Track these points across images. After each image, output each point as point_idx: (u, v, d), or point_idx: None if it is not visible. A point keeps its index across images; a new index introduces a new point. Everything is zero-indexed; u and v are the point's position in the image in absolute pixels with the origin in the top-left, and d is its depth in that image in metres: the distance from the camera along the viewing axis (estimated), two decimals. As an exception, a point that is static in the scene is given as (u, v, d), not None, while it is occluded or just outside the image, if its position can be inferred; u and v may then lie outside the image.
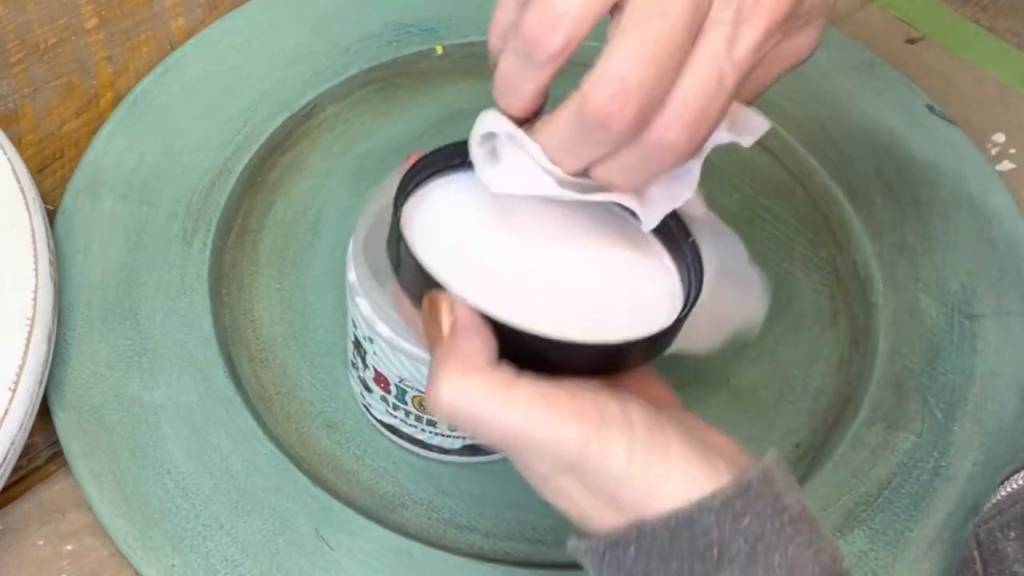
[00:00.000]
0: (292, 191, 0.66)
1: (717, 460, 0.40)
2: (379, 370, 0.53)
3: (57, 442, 0.57)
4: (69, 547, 0.54)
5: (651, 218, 0.45)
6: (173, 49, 0.70)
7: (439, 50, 0.70)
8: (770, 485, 0.40)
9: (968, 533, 0.49)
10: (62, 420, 0.57)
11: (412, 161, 0.46)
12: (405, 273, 0.43)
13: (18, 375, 0.54)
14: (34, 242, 0.58)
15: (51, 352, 0.57)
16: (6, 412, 0.53)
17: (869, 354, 0.61)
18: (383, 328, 0.51)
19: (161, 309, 0.60)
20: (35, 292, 0.56)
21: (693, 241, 0.47)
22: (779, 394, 0.61)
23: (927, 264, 0.64)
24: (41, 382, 0.55)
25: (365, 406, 0.58)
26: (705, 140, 0.42)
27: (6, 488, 0.55)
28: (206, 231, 0.63)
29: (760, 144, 0.69)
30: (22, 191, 0.60)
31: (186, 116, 0.67)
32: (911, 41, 0.75)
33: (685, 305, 0.45)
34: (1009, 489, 0.49)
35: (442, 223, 0.45)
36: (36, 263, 0.57)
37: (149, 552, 0.53)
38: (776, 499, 0.39)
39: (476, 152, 0.45)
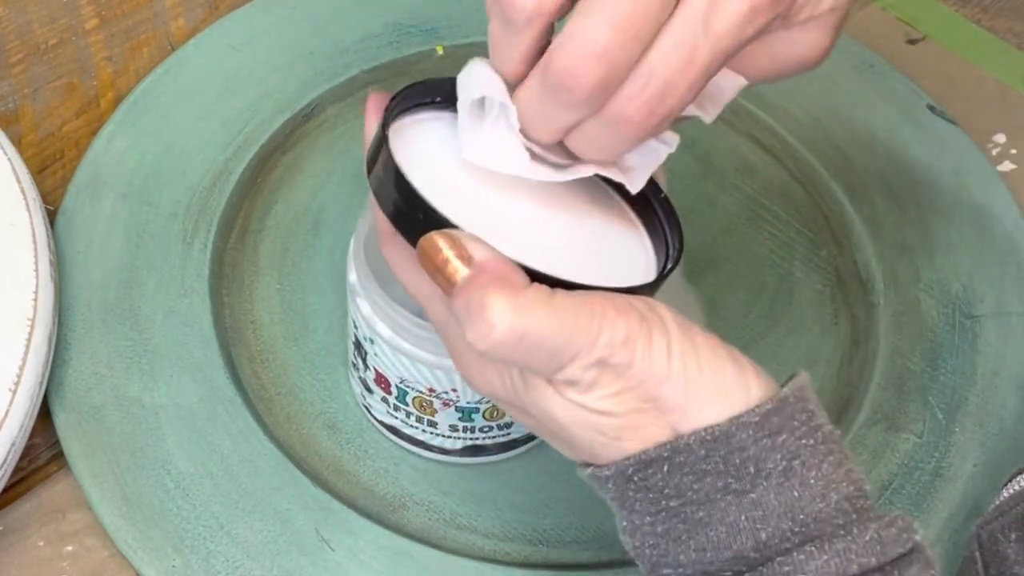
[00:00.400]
0: (292, 192, 0.66)
1: (745, 370, 0.40)
2: (380, 371, 0.53)
3: (57, 443, 0.57)
4: (69, 547, 0.54)
5: (635, 184, 0.44)
6: (173, 49, 0.70)
7: (439, 50, 0.70)
8: (804, 403, 0.39)
9: (971, 534, 0.49)
10: (62, 421, 0.57)
11: (376, 99, 0.43)
12: (397, 206, 0.41)
13: (18, 376, 0.54)
14: (34, 242, 0.58)
15: (51, 353, 0.57)
16: (7, 413, 0.53)
17: (870, 354, 0.61)
18: (384, 329, 0.51)
19: (161, 309, 0.60)
20: (35, 292, 0.56)
21: (666, 199, 0.46)
22: (779, 394, 0.61)
23: (928, 264, 0.64)
24: (41, 383, 0.55)
25: (366, 407, 0.58)
26: (670, 117, 0.39)
27: (7, 489, 0.55)
28: (206, 231, 0.63)
29: (760, 144, 0.69)
30: (22, 191, 0.60)
31: (186, 116, 0.67)
32: (911, 41, 0.75)
33: (667, 260, 0.44)
34: (1012, 490, 0.49)
35: (425, 162, 0.43)
36: (36, 263, 0.57)
37: (149, 552, 0.53)
38: (810, 416, 0.39)
39: (463, 108, 0.43)
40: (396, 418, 0.56)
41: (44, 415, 0.57)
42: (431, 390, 0.52)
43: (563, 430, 0.41)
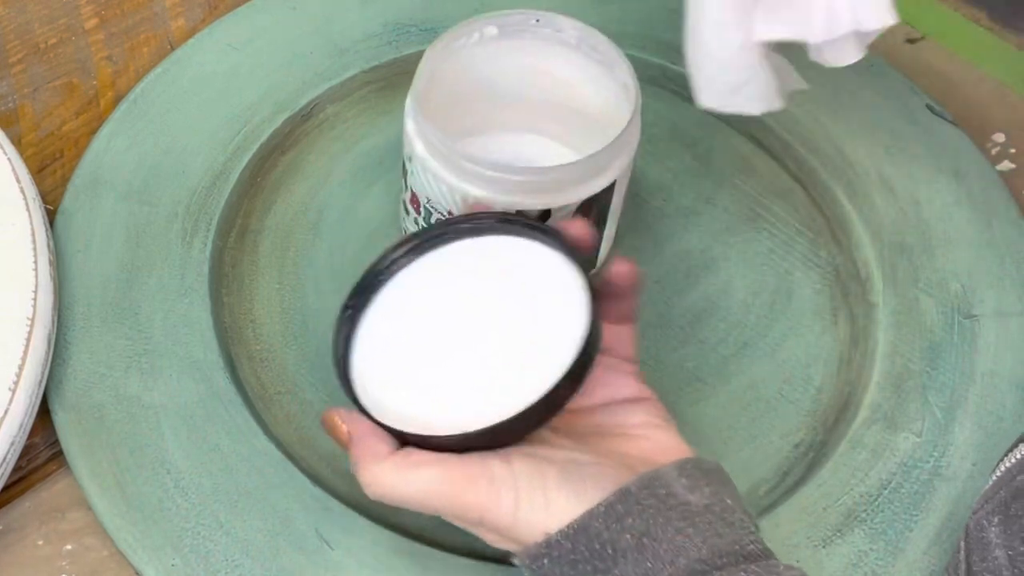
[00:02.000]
0: (292, 191, 0.66)
1: (585, 485, 0.46)
2: (415, 191, 0.58)
3: (57, 442, 0.57)
4: (69, 547, 0.54)
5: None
6: (173, 49, 0.70)
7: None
8: (653, 488, 0.46)
9: (963, 526, 0.49)
10: (62, 420, 0.57)
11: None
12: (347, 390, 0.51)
13: (18, 375, 0.54)
14: (34, 242, 0.58)
15: (51, 352, 0.57)
16: (6, 412, 0.53)
17: (869, 354, 0.61)
18: (419, 147, 0.56)
19: (161, 309, 0.60)
20: (35, 292, 0.56)
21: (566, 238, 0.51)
22: (779, 394, 0.61)
23: (927, 264, 0.64)
24: (41, 382, 0.55)
25: (403, 230, 0.62)
26: None
27: (6, 488, 0.55)
28: (206, 231, 0.63)
29: (760, 144, 0.69)
30: (22, 191, 0.60)
31: (186, 116, 0.67)
32: (911, 41, 0.75)
33: (584, 332, 0.48)
34: (994, 477, 0.49)
35: (377, 343, 0.52)
36: (36, 263, 0.57)
37: (149, 552, 0.53)
38: (664, 499, 0.45)
39: None
40: None
41: (43, 414, 0.57)
42: (450, 213, 0.57)
43: None
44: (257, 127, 0.67)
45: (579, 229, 0.52)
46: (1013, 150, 0.70)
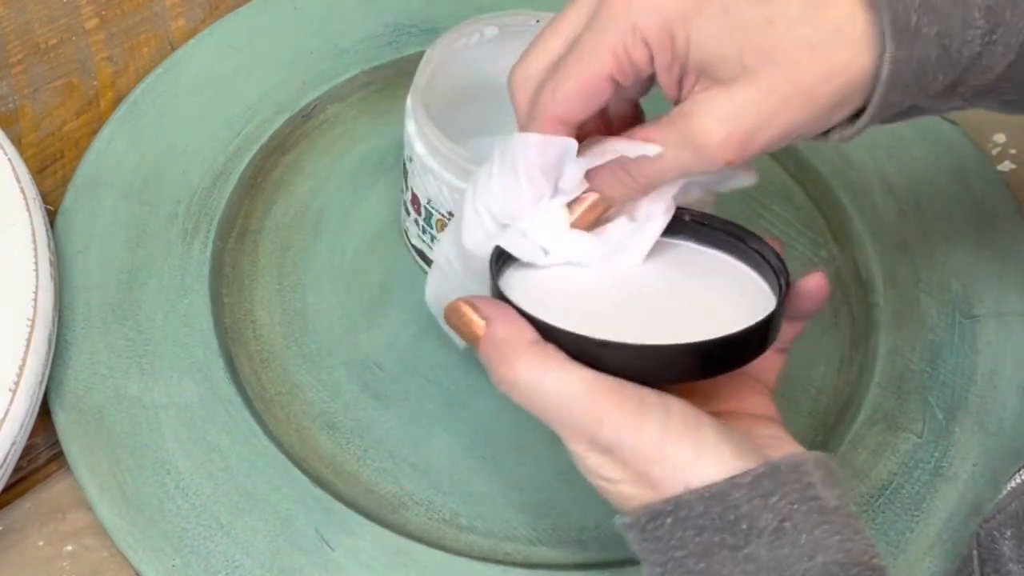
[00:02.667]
0: (292, 192, 0.66)
1: (749, 452, 0.43)
2: (415, 191, 0.58)
3: (57, 442, 0.57)
4: (69, 547, 0.54)
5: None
6: (173, 49, 0.70)
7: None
8: (799, 474, 0.42)
9: (971, 533, 0.49)
10: (62, 420, 0.57)
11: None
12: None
13: (18, 376, 0.54)
14: (34, 242, 0.58)
15: (51, 352, 0.57)
16: (7, 413, 0.53)
17: (869, 354, 0.61)
18: (420, 147, 0.56)
19: (161, 309, 0.60)
20: (35, 292, 0.56)
21: (760, 241, 0.49)
22: (779, 394, 0.61)
23: (927, 264, 0.64)
24: (41, 382, 0.55)
25: (404, 230, 0.63)
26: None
27: (7, 488, 0.55)
28: (206, 231, 0.63)
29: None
30: (22, 191, 0.60)
31: (186, 116, 0.67)
32: (911, 41, 0.75)
33: (773, 309, 0.46)
34: (1009, 488, 0.49)
35: (537, 283, 0.48)
36: (36, 263, 0.57)
37: (149, 552, 0.53)
38: (805, 487, 0.42)
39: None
40: (424, 242, 0.61)
41: (44, 415, 0.57)
42: (451, 214, 0.57)
43: (590, 482, 0.45)
44: (257, 128, 0.67)
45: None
46: (1013, 150, 0.70)
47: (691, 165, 0.45)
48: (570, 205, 0.47)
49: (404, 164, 0.59)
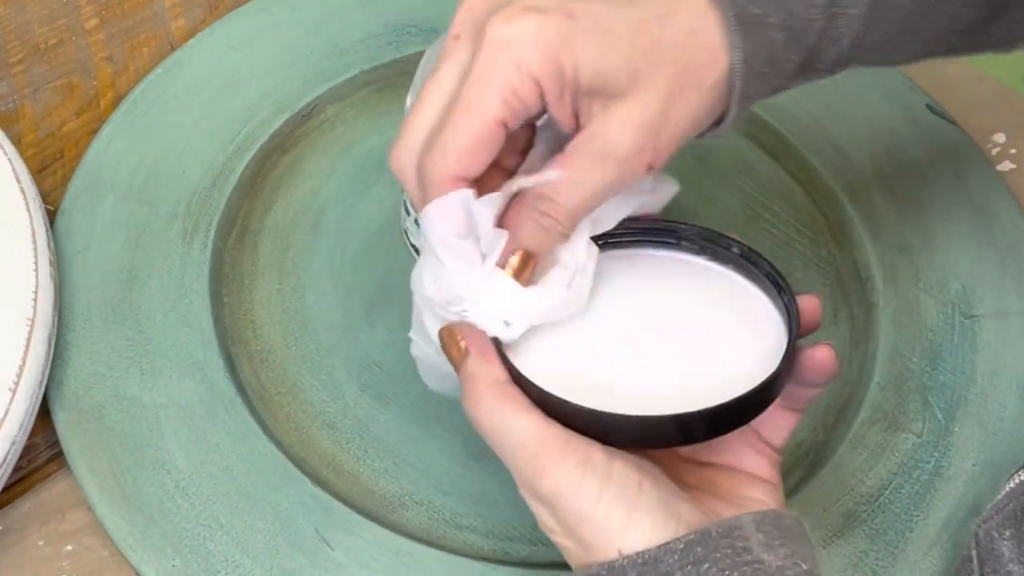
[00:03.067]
0: (292, 192, 0.66)
1: (671, 512, 0.43)
2: None
3: (57, 442, 0.57)
4: (69, 547, 0.54)
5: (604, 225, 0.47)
6: (173, 49, 0.70)
7: None
8: (731, 538, 0.42)
9: (971, 532, 0.49)
10: (62, 420, 0.57)
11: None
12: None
13: (18, 375, 0.54)
14: (34, 242, 0.58)
15: (51, 352, 0.57)
16: (6, 413, 0.53)
17: (869, 354, 0.61)
18: None
19: (161, 309, 0.60)
20: (35, 292, 0.56)
21: (776, 270, 0.48)
22: (779, 394, 0.61)
23: (927, 264, 0.64)
24: (41, 382, 0.55)
25: (404, 230, 0.62)
26: None
27: (6, 488, 0.55)
28: (206, 231, 0.63)
29: (760, 144, 0.69)
30: (22, 191, 0.60)
31: (186, 116, 0.67)
32: (911, 41, 0.75)
33: (775, 370, 0.45)
34: (1007, 488, 0.49)
35: (539, 343, 0.47)
36: (36, 263, 0.57)
37: (149, 552, 0.53)
38: (739, 552, 0.42)
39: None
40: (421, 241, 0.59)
41: (44, 415, 0.57)
42: None
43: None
44: (257, 127, 0.67)
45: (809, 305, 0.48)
46: (1013, 150, 0.70)
47: (612, 182, 0.44)
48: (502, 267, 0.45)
49: None
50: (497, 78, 0.43)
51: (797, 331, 0.46)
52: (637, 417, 0.43)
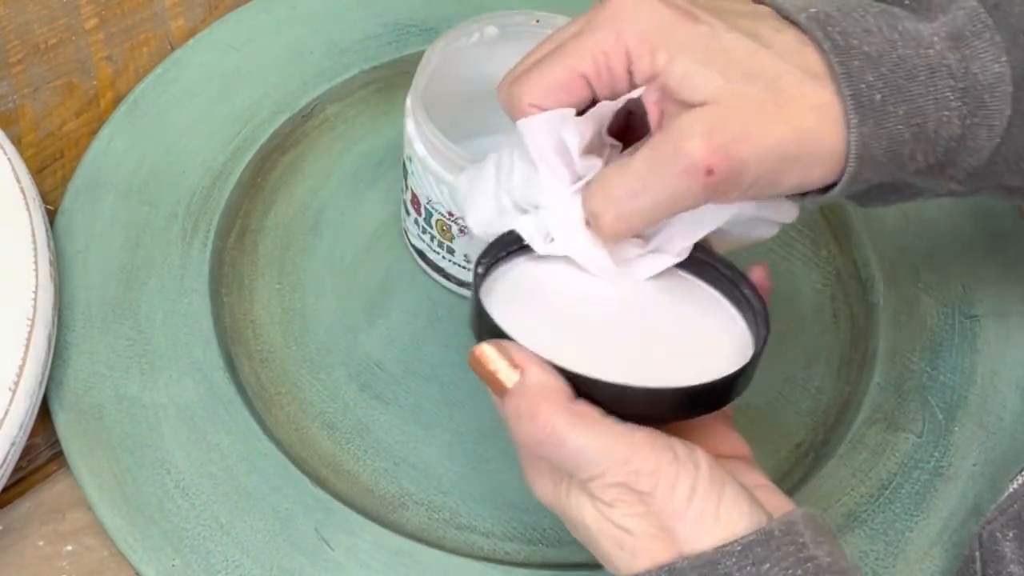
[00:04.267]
0: (292, 191, 0.66)
1: (761, 509, 0.43)
2: (415, 191, 0.59)
3: (57, 442, 0.57)
4: (69, 547, 0.54)
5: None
6: (173, 49, 0.70)
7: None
8: (792, 535, 0.42)
9: (973, 533, 0.49)
10: (62, 420, 0.57)
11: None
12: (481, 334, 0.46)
13: (18, 375, 0.54)
14: (34, 242, 0.58)
15: (51, 352, 0.57)
16: (6, 413, 0.53)
17: (869, 354, 0.61)
18: (419, 147, 0.56)
19: (161, 309, 0.60)
20: (35, 292, 0.56)
21: (752, 286, 0.48)
22: (779, 394, 0.61)
23: (927, 264, 0.64)
24: (41, 382, 0.55)
25: (404, 230, 0.63)
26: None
27: (6, 488, 0.55)
28: (206, 231, 0.63)
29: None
30: (22, 191, 0.60)
31: (186, 116, 0.67)
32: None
33: (753, 352, 0.46)
34: (1011, 489, 0.49)
35: (519, 296, 0.48)
36: (36, 263, 0.57)
37: (149, 552, 0.53)
38: (800, 548, 0.42)
39: (529, 230, 0.47)
40: (423, 241, 0.61)
41: (44, 415, 0.57)
42: (451, 214, 0.57)
43: (591, 539, 0.44)
44: (257, 127, 0.67)
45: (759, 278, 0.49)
46: (1013, 150, 0.70)
47: (677, 186, 0.44)
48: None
49: (404, 164, 0.59)
50: (594, 38, 0.45)
51: (767, 318, 0.47)
52: (651, 390, 0.43)
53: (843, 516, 0.56)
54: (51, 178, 0.66)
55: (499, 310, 0.45)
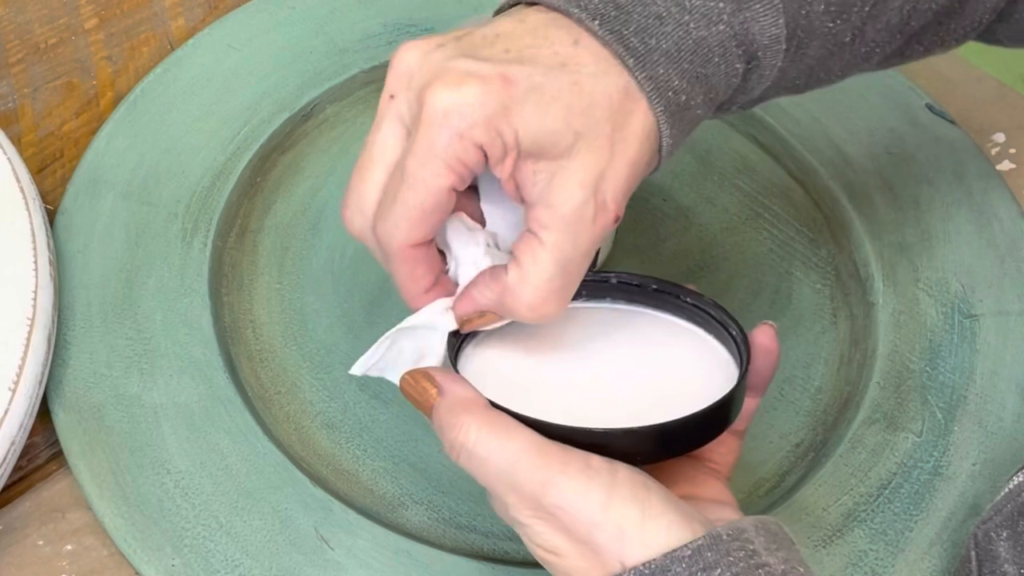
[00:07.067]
0: (292, 191, 0.66)
1: (695, 519, 0.42)
2: None
3: (57, 442, 0.57)
4: (69, 547, 0.54)
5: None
6: (173, 49, 0.70)
7: None
8: (741, 541, 0.42)
9: (969, 533, 0.49)
10: (62, 420, 0.57)
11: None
12: None
13: (18, 375, 0.54)
14: (34, 242, 0.58)
15: (51, 352, 0.57)
16: (6, 412, 0.53)
17: (869, 354, 0.61)
18: None
19: (161, 309, 0.60)
20: (35, 292, 0.56)
21: (736, 323, 0.48)
22: (779, 394, 0.61)
23: (927, 264, 0.64)
24: (41, 382, 0.55)
25: None
26: None
27: (6, 488, 0.55)
28: (206, 231, 0.63)
29: (760, 144, 0.70)
30: (22, 191, 0.60)
31: (186, 116, 0.67)
32: (911, 41, 0.75)
33: (725, 393, 0.45)
34: (1006, 489, 0.49)
35: (493, 366, 0.48)
36: (36, 263, 0.57)
37: (149, 552, 0.53)
38: (750, 555, 0.41)
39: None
40: None
41: (44, 414, 0.57)
42: None
43: (544, 565, 0.44)
44: (257, 127, 0.67)
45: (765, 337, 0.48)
46: (1013, 150, 0.70)
47: (570, 254, 0.44)
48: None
49: None
50: (441, 149, 0.43)
51: (748, 356, 0.47)
52: (620, 430, 0.43)
53: (843, 516, 0.56)
54: (51, 178, 0.66)
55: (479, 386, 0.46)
